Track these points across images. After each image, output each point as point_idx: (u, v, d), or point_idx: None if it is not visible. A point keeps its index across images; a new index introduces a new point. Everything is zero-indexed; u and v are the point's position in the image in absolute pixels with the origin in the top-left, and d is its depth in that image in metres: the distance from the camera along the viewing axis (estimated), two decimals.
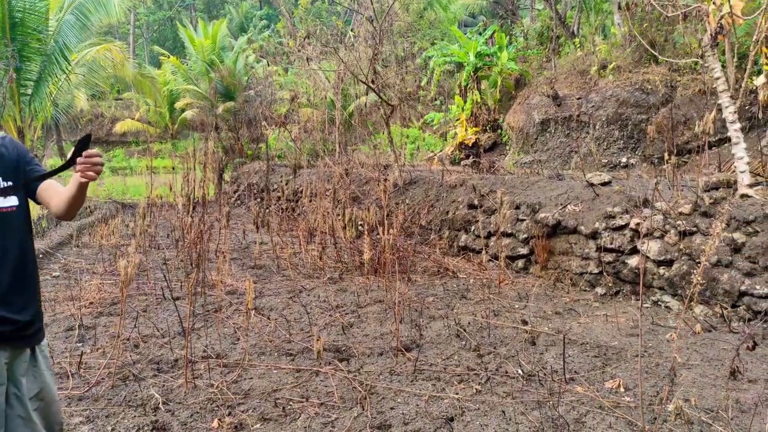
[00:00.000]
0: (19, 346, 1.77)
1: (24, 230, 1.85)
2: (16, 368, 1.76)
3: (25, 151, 1.94)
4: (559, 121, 11.97)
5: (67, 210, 1.87)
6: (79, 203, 1.87)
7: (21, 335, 1.77)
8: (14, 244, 1.78)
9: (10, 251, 1.76)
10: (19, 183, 1.83)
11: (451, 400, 3.22)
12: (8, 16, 10.77)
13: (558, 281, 5.87)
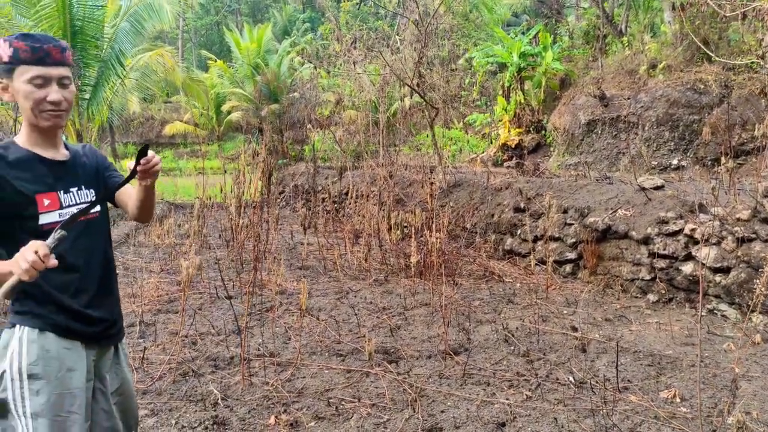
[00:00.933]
0: (104, 345, 1.90)
1: (106, 235, 1.97)
2: (101, 365, 1.89)
3: (103, 158, 2.05)
4: (606, 121, 11.73)
5: (140, 213, 1.98)
6: (149, 206, 1.96)
7: (107, 334, 1.89)
8: (100, 248, 1.90)
9: (97, 255, 1.87)
10: (99, 189, 1.94)
11: (502, 405, 3.24)
12: (69, 24, 11.32)
13: (608, 287, 5.78)
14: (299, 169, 13.81)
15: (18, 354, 1.68)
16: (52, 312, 1.72)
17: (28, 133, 1.77)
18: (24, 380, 1.67)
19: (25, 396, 1.66)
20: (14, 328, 1.71)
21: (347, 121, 13.52)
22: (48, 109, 1.72)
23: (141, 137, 27.96)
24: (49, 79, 1.71)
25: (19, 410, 1.66)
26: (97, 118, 13.10)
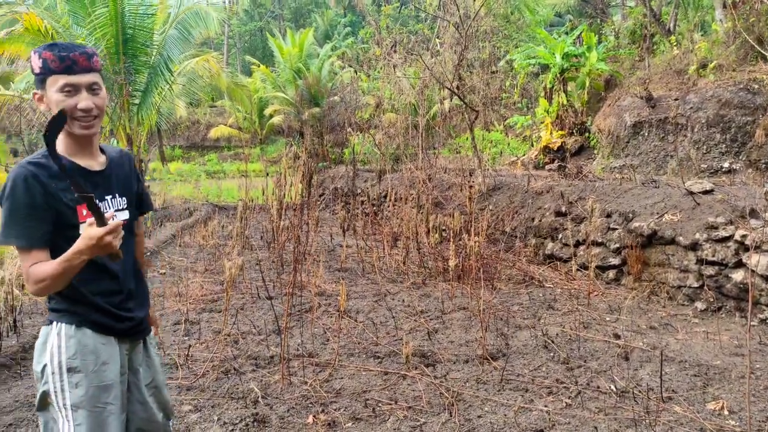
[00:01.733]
0: (135, 340, 1.98)
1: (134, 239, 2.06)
2: (134, 359, 1.98)
3: (136, 168, 2.13)
4: (653, 123, 11.39)
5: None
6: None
7: (138, 330, 1.98)
8: (131, 252, 1.98)
9: (129, 259, 1.95)
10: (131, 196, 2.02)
11: (540, 412, 3.20)
12: (121, 33, 11.79)
13: (653, 294, 5.62)
14: (339, 172, 13.96)
15: (58, 348, 1.75)
16: (88, 310, 1.80)
17: (65, 142, 1.80)
18: (64, 373, 1.74)
19: (65, 388, 1.74)
20: (52, 324, 1.78)
21: (386, 124, 13.58)
22: (79, 117, 1.75)
23: (187, 141, 28.83)
24: (79, 87, 1.74)
25: (59, 402, 1.74)
26: (146, 123, 13.58)
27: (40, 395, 1.77)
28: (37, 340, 1.81)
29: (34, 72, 1.77)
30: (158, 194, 14.08)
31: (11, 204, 1.67)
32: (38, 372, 1.78)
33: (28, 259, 1.67)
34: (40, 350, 1.79)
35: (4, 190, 1.69)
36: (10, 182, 1.68)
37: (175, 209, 12.65)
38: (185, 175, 22.22)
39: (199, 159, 27.38)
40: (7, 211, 1.67)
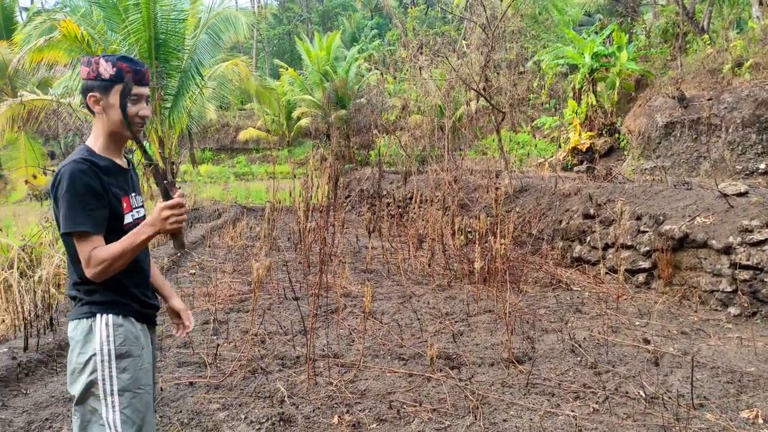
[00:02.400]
0: (153, 325, 2.16)
1: None
2: (153, 344, 2.16)
3: None
4: (685, 123, 11.13)
5: None
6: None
7: (155, 317, 2.16)
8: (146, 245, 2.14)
9: (147, 251, 2.15)
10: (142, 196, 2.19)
11: (567, 417, 3.16)
12: (154, 38, 12.08)
13: (684, 298, 5.49)
14: (365, 174, 14.01)
15: (107, 338, 1.87)
16: (130, 301, 1.96)
17: (106, 142, 1.96)
18: (113, 360, 1.87)
19: (113, 375, 1.86)
20: (95, 316, 1.89)
21: (413, 126, 13.59)
22: (137, 122, 1.94)
23: (217, 143, 29.31)
24: (141, 97, 1.94)
25: (106, 388, 1.86)
26: (177, 126, 13.87)
27: (85, 386, 1.86)
28: (76, 334, 1.90)
29: (101, 77, 1.89)
30: (189, 196, 14.36)
31: (73, 194, 1.80)
32: (82, 363, 1.87)
33: (89, 244, 1.81)
34: (84, 341, 1.88)
35: (60, 184, 1.82)
36: (68, 176, 1.81)
37: (205, 210, 12.88)
38: (215, 176, 22.61)
39: (229, 161, 27.82)
40: (69, 202, 1.80)
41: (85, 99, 1.92)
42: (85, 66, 1.91)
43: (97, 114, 1.93)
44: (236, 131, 28.15)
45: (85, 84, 1.91)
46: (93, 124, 1.99)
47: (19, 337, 4.19)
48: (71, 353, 1.91)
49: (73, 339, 1.91)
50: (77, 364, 1.88)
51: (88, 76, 1.90)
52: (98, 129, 1.96)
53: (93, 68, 1.90)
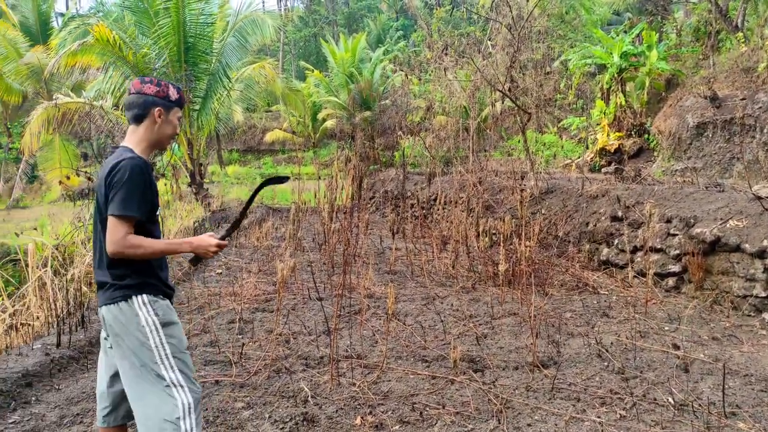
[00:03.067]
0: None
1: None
2: None
3: None
4: (718, 124, 10.85)
5: None
6: None
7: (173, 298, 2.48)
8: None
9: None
10: None
11: (593, 423, 3.11)
12: (183, 41, 12.31)
13: (716, 303, 5.35)
14: (389, 175, 14.03)
15: (149, 313, 2.19)
16: (159, 282, 2.27)
17: (148, 147, 2.34)
18: (160, 329, 2.20)
19: (164, 342, 2.19)
20: (132, 298, 2.18)
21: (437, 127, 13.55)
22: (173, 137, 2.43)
23: (244, 144, 29.68)
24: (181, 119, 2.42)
25: (161, 354, 2.18)
26: (205, 128, 14.10)
27: (142, 357, 2.15)
28: (118, 316, 2.17)
29: (169, 98, 2.33)
30: (216, 197, 14.57)
31: (132, 184, 2.13)
32: (134, 338, 2.15)
33: (127, 227, 2.12)
34: (132, 320, 2.16)
35: (119, 173, 2.13)
36: (130, 168, 2.14)
37: (232, 211, 13.05)
38: (242, 177, 22.91)
39: (255, 162, 28.14)
40: (128, 190, 2.11)
41: (144, 110, 2.28)
42: (153, 85, 2.29)
43: (150, 124, 2.30)
44: (263, 133, 28.46)
45: (150, 99, 2.28)
46: (136, 130, 2.30)
47: (52, 333, 4.31)
48: (119, 335, 2.17)
49: (117, 321, 2.17)
50: (132, 339, 2.16)
51: (156, 94, 2.29)
52: (145, 136, 2.30)
53: (163, 89, 2.31)
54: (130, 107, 2.30)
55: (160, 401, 2.14)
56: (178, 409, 2.15)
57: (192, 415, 2.18)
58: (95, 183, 2.34)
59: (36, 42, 20.79)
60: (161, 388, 2.16)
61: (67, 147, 18.09)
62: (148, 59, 12.35)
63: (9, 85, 20.16)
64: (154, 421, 2.13)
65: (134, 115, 2.29)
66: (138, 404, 2.16)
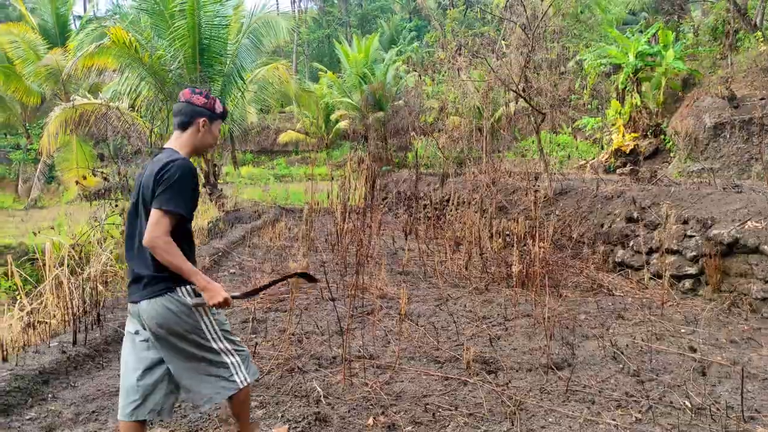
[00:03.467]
0: None
1: None
2: None
3: None
4: (735, 124, 10.69)
5: None
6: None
7: None
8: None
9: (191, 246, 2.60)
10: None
11: (608, 426, 3.08)
12: (198, 43, 12.40)
13: (733, 306, 5.27)
14: (402, 176, 14.02)
15: (193, 295, 2.41)
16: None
17: (190, 153, 2.52)
18: (208, 312, 2.45)
19: (212, 320, 2.46)
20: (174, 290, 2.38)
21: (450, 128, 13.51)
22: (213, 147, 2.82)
23: (258, 145, 29.84)
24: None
25: (212, 331, 2.45)
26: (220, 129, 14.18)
27: (197, 338, 2.41)
28: (167, 307, 2.34)
29: (215, 111, 2.55)
30: (230, 197, 14.66)
31: (182, 183, 2.31)
32: (187, 323, 2.38)
33: (170, 223, 2.29)
34: (182, 309, 2.37)
35: (171, 172, 2.30)
36: (181, 169, 2.32)
37: (245, 212, 13.13)
38: (255, 178, 23.03)
39: (269, 163, 28.28)
40: (178, 188, 2.30)
41: (191, 118, 2.48)
42: (202, 96, 2.51)
43: (194, 132, 2.50)
44: (276, 134, 28.59)
45: (198, 109, 2.49)
46: (181, 136, 2.49)
47: (68, 331, 4.36)
48: (168, 326, 2.35)
49: (166, 312, 2.34)
50: (183, 327, 2.37)
51: (203, 105, 2.51)
52: (188, 141, 2.50)
53: (210, 102, 2.53)
54: (177, 114, 2.49)
55: (216, 368, 2.46)
56: (230, 369, 2.49)
57: (242, 369, 2.53)
58: (142, 179, 2.43)
59: (54, 44, 21.08)
60: (213, 357, 2.45)
61: (84, 148, 18.33)
62: (164, 61, 12.47)
63: (28, 86, 20.48)
64: (213, 386, 2.46)
65: (180, 121, 2.49)
66: (195, 380, 2.44)
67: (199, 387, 2.44)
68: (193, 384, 2.45)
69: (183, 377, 2.44)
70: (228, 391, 2.49)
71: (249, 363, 2.60)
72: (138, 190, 2.42)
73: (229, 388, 2.49)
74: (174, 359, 2.41)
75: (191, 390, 2.46)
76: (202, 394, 2.45)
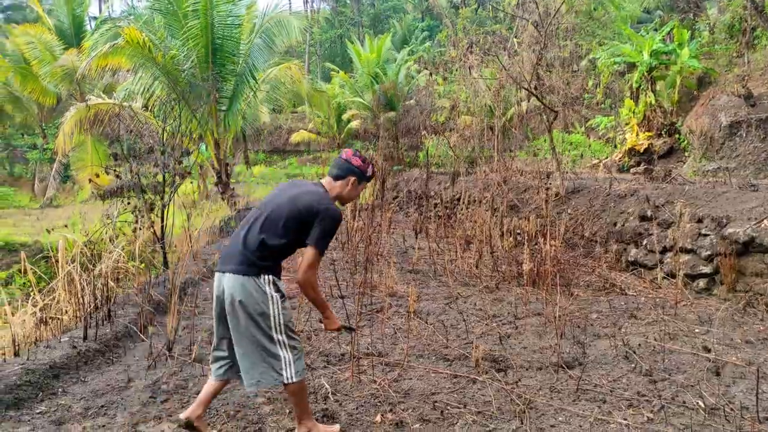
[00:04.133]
0: None
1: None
2: None
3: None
4: (752, 123, 10.52)
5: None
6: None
7: None
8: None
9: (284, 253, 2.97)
10: None
11: (619, 425, 3.03)
12: (210, 42, 12.47)
13: (749, 306, 5.17)
14: (413, 175, 13.98)
15: (274, 288, 2.74)
16: (280, 271, 2.85)
17: (335, 198, 2.93)
18: (278, 302, 2.74)
19: (280, 312, 2.73)
20: (262, 275, 2.71)
21: (462, 127, 13.45)
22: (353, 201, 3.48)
23: (270, 145, 29.95)
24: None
25: (277, 322, 2.72)
26: (232, 128, 14.26)
27: (263, 322, 2.69)
28: (247, 287, 2.67)
29: (365, 174, 2.97)
30: (242, 196, 14.73)
31: (333, 228, 2.77)
32: (260, 303, 2.68)
33: (318, 263, 2.79)
34: (258, 291, 2.68)
35: (326, 215, 2.72)
36: (334, 213, 2.77)
37: None
38: (267, 177, 23.11)
39: (281, 163, 28.38)
40: (327, 232, 2.74)
41: (345, 173, 2.91)
42: (360, 159, 2.94)
43: (344, 185, 2.91)
44: (288, 133, 28.67)
45: (353, 168, 2.91)
46: (333, 184, 2.91)
47: (79, 327, 4.40)
48: (249, 300, 2.67)
49: (246, 289, 2.66)
50: (254, 308, 2.66)
51: (358, 167, 2.92)
52: (336, 191, 2.92)
53: (366, 165, 2.96)
54: (335, 166, 2.94)
55: (269, 357, 2.71)
56: (281, 363, 2.72)
57: (291, 367, 2.74)
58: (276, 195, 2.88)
59: (70, 45, 21.32)
60: (270, 346, 2.71)
61: (99, 147, 18.53)
62: (177, 60, 12.56)
63: (44, 87, 20.73)
64: (261, 373, 2.71)
65: (336, 174, 2.92)
66: (248, 361, 2.71)
67: (250, 369, 2.72)
68: (245, 364, 2.73)
69: (240, 355, 2.73)
70: (273, 381, 2.75)
71: (301, 363, 2.80)
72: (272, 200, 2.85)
73: (276, 379, 2.73)
74: (237, 335, 2.72)
75: (242, 368, 2.75)
76: (250, 374, 2.72)
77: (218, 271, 2.80)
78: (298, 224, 2.73)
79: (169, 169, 7.08)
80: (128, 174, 7.01)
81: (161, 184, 7.10)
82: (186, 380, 3.74)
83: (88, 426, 3.12)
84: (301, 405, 2.85)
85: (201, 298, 5.88)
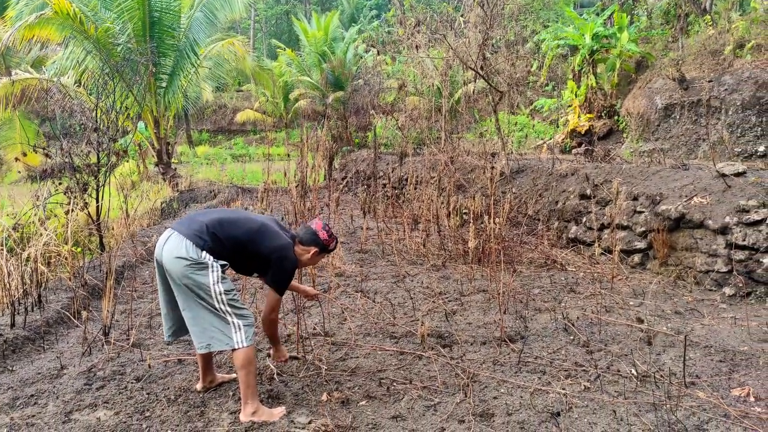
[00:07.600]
0: None
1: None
2: None
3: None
4: (685, 106, 11.03)
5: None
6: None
7: None
8: None
9: None
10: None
11: (558, 395, 3.14)
12: (148, 15, 11.88)
13: (679, 279, 5.46)
14: (362, 156, 13.91)
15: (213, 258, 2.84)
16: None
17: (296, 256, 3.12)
18: (218, 270, 2.84)
19: (219, 285, 2.81)
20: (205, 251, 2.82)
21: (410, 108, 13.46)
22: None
23: (214, 125, 29.07)
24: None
25: (217, 290, 2.80)
26: (173, 106, 13.70)
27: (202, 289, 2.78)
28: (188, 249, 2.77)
29: (327, 247, 3.16)
30: (184, 177, 14.25)
31: (292, 271, 3.05)
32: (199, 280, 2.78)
33: (279, 303, 3.11)
34: (199, 266, 2.78)
35: (283, 259, 2.97)
36: (290, 261, 3.01)
37: (200, 191, 12.79)
38: (212, 158, 22.47)
39: (226, 143, 27.62)
40: (288, 274, 3.03)
41: (308, 243, 3.10)
42: (326, 233, 3.12)
43: (304, 252, 3.11)
44: (233, 113, 27.92)
45: (318, 241, 3.10)
46: (298, 244, 3.10)
47: (6, 314, 4.15)
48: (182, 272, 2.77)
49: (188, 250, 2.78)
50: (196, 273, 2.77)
51: (324, 240, 3.11)
52: (299, 251, 3.10)
53: (331, 239, 3.15)
54: (303, 231, 3.13)
55: (218, 321, 2.83)
56: (231, 327, 2.85)
57: (241, 332, 2.84)
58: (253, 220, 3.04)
59: None
60: (217, 311, 2.83)
61: (27, 126, 17.45)
62: (111, 34, 11.90)
63: None
64: (210, 333, 2.83)
65: (301, 239, 3.11)
66: (196, 322, 2.82)
67: (200, 334, 2.81)
68: (195, 328, 2.82)
69: (188, 318, 2.83)
70: (223, 346, 2.83)
71: (251, 330, 2.88)
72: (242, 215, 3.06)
73: (226, 344, 2.82)
74: (183, 298, 2.82)
75: (192, 332, 2.84)
76: (199, 338, 2.81)
77: (167, 228, 2.94)
78: (253, 254, 2.97)
79: (103, 148, 6.73)
80: (59, 154, 6.63)
81: (96, 165, 6.75)
82: (123, 365, 3.60)
83: (16, 416, 2.95)
84: (247, 380, 2.85)
85: (140, 281, 5.67)
